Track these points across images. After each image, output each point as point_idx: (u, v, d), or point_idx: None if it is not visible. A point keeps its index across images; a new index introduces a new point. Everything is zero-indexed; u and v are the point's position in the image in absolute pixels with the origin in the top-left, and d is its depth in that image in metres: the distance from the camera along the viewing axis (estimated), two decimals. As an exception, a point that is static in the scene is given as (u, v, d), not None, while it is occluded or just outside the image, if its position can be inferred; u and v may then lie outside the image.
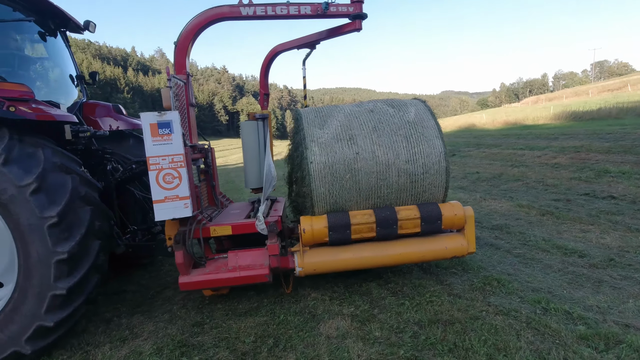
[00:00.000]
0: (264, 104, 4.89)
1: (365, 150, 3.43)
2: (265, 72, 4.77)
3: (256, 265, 3.33)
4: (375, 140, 3.45)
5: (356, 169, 3.41)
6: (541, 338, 2.79)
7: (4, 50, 3.53)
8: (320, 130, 3.47)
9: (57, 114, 3.11)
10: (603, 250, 4.53)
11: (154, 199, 3.05)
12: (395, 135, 3.49)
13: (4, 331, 2.64)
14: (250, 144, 4.27)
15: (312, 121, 3.59)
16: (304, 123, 3.57)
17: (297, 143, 3.59)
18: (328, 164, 3.39)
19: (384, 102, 3.85)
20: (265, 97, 4.90)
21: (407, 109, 3.67)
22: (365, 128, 3.51)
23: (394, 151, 3.46)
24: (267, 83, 4.88)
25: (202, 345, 2.98)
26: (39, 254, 2.59)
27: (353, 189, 3.45)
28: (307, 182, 3.40)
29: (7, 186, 2.51)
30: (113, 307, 3.76)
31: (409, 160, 3.47)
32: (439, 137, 3.53)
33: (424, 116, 3.64)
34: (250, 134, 4.27)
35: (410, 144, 3.47)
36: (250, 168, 4.29)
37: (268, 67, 4.75)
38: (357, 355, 2.73)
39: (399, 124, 3.56)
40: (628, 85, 40.75)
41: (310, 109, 3.85)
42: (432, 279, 3.97)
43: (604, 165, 9.04)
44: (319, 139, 3.44)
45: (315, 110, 3.80)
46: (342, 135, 3.46)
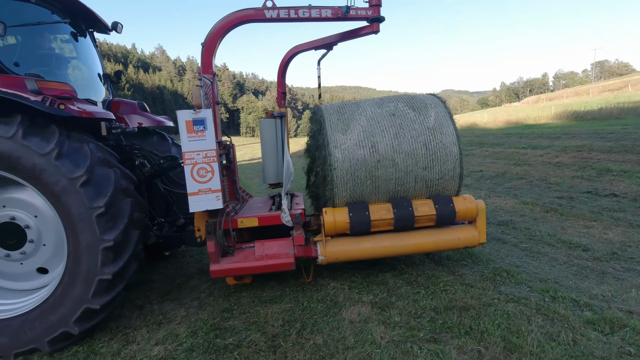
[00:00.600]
0: (282, 102, 5.08)
1: (386, 158, 3.58)
2: (283, 72, 4.96)
3: (282, 254, 3.55)
4: (396, 147, 3.58)
5: (376, 175, 3.61)
6: (551, 322, 3.00)
7: (41, 50, 3.72)
8: (343, 136, 3.60)
9: (98, 111, 3.31)
10: (606, 244, 4.74)
11: (188, 192, 3.25)
12: (415, 142, 3.61)
13: (55, 313, 2.85)
14: (268, 141, 4.46)
15: (335, 125, 3.69)
16: (327, 127, 3.68)
17: (319, 145, 3.74)
18: (350, 170, 3.57)
19: (405, 102, 3.92)
20: (282, 95, 5.09)
21: (428, 112, 3.78)
22: (387, 135, 3.62)
23: (413, 158, 3.62)
24: (284, 82, 5.07)
25: (234, 329, 3.19)
26: (87, 241, 2.79)
27: (372, 193, 3.68)
28: (329, 186, 3.61)
29: (60, 178, 2.71)
30: (143, 295, 3.97)
31: (427, 167, 3.66)
32: (456, 144, 3.67)
33: (443, 121, 3.74)
34: (268, 132, 4.46)
35: (429, 150, 3.62)
36: (268, 164, 4.49)
37: (286, 67, 4.94)
38: (380, 337, 2.94)
39: (419, 130, 3.66)
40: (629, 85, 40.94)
41: (332, 109, 3.93)
42: (444, 270, 4.18)
43: (605, 164, 9.25)
44: (342, 145, 3.58)
45: (337, 111, 3.88)
46: (364, 142, 3.58)
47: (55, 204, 2.78)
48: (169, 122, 5.00)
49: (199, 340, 3.05)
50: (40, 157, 2.68)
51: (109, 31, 4.56)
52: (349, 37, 4.46)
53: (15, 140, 2.65)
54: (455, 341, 2.84)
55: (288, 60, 4.89)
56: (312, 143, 4.03)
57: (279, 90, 5.08)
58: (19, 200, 3.06)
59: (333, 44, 4.65)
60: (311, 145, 4.05)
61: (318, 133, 3.79)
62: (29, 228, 3.06)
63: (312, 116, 4.15)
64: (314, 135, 3.97)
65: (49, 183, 2.72)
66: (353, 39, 4.52)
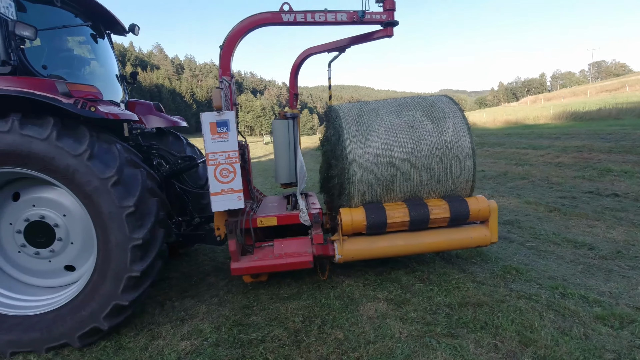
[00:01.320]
0: (294, 103, 5.17)
1: (402, 172, 3.67)
2: (295, 73, 5.05)
3: (301, 253, 3.66)
4: (413, 162, 3.65)
5: (392, 189, 3.72)
6: (562, 318, 3.13)
7: (64, 53, 3.80)
8: (361, 149, 3.63)
9: (122, 112, 3.40)
10: (610, 243, 4.87)
11: (211, 192, 3.35)
12: (432, 156, 3.67)
13: (85, 309, 2.94)
14: (281, 141, 4.54)
15: (354, 137, 3.68)
16: (346, 139, 3.68)
17: (337, 155, 3.76)
18: (367, 184, 3.67)
19: (424, 111, 3.86)
20: (294, 97, 5.18)
21: (446, 123, 3.77)
22: (404, 149, 3.65)
23: (428, 172, 3.70)
24: (296, 84, 5.16)
25: (256, 324, 3.30)
26: (117, 239, 2.89)
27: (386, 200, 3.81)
28: (346, 197, 3.73)
29: (91, 178, 2.80)
30: (163, 292, 4.07)
31: (441, 181, 3.76)
32: (471, 157, 3.74)
33: (460, 134, 3.75)
34: (281, 132, 4.54)
35: (445, 164, 3.69)
36: (281, 164, 4.57)
37: (298, 69, 5.04)
38: (399, 332, 3.05)
39: (437, 144, 3.69)
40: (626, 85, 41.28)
41: (350, 117, 3.86)
42: (455, 267, 4.30)
43: (606, 164, 9.40)
44: (361, 159, 3.63)
45: (356, 120, 3.82)
46: (382, 156, 3.63)
47: (86, 204, 2.87)
48: (184, 122, 5.09)
49: (223, 335, 3.15)
50: (73, 158, 2.77)
51: (125, 33, 4.65)
52: (362, 40, 4.56)
53: (50, 142, 2.74)
54: (471, 336, 2.95)
55: (301, 62, 4.98)
56: (329, 149, 4.05)
57: (291, 91, 5.17)
58: (48, 200, 3.15)
59: (346, 47, 4.75)
60: (328, 151, 4.09)
61: (336, 142, 3.80)
62: (58, 227, 3.15)
63: (328, 118, 4.23)
64: (329, 139, 4.03)
65: (82, 183, 2.80)
66: (365, 43, 4.62)
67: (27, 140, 2.73)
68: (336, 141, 3.80)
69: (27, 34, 2.91)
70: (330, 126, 4.07)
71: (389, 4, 4.08)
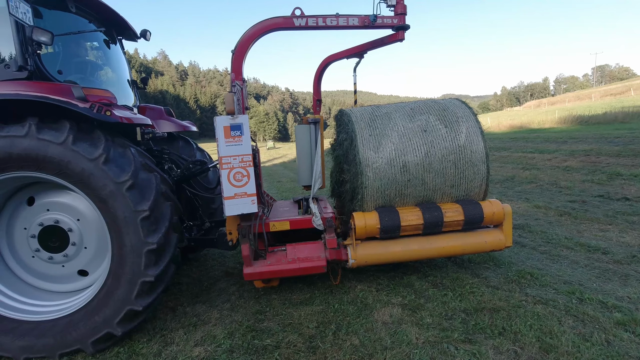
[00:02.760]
0: (317, 109, 5.14)
1: (416, 177, 3.64)
2: (318, 80, 5.01)
3: (314, 257, 3.62)
4: (427, 167, 3.63)
5: (406, 194, 3.70)
6: (582, 324, 3.07)
7: (78, 58, 3.83)
8: (375, 154, 3.61)
9: (136, 117, 3.40)
10: (624, 247, 4.80)
11: (224, 196, 3.34)
12: (445, 160, 3.64)
13: (99, 314, 2.92)
14: (303, 145, 4.58)
15: (367, 141, 3.67)
16: (359, 144, 3.66)
17: (350, 160, 3.75)
18: (380, 189, 3.65)
19: (437, 115, 3.83)
20: (317, 102, 5.13)
21: (460, 128, 3.74)
22: (418, 154, 3.63)
23: (442, 177, 3.68)
24: (319, 90, 5.11)
25: (269, 330, 3.26)
26: (132, 244, 2.87)
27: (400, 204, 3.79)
28: (359, 202, 3.72)
29: (107, 182, 2.79)
30: (174, 298, 4.04)
31: (454, 185, 3.73)
32: (485, 162, 3.71)
33: (474, 138, 3.72)
34: (303, 137, 4.57)
35: (458, 169, 3.67)
36: (303, 167, 4.61)
37: (321, 76, 5.00)
38: (416, 337, 3.01)
39: (450, 149, 3.66)
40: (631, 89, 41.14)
41: (363, 122, 3.84)
42: (467, 272, 4.25)
43: (615, 168, 9.33)
44: (374, 163, 3.61)
45: (368, 124, 3.80)
46: (395, 160, 3.61)
47: (101, 208, 2.86)
48: (194, 127, 5.10)
49: (237, 341, 3.12)
50: (89, 162, 2.77)
51: (137, 38, 4.67)
52: (378, 45, 4.54)
53: (66, 146, 2.74)
54: (490, 342, 2.90)
55: (323, 68, 4.91)
56: (341, 154, 4.02)
57: (315, 97, 5.11)
58: (62, 204, 3.15)
59: (364, 52, 4.71)
60: (340, 155, 4.06)
61: (349, 147, 3.78)
62: (72, 231, 3.15)
63: (339, 122, 4.21)
64: (341, 144, 4.00)
65: (97, 187, 2.80)
66: (381, 47, 4.60)
67: (43, 145, 2.73)
68: (349, 146, 3.78)
69: (44, 39, 2.93)
70: (342, 130, 4.06)
71: (401, 8, 4.08)
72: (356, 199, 3.74)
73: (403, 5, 4.09)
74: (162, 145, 4.59)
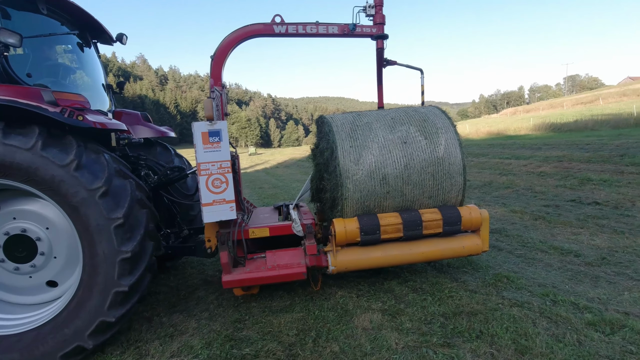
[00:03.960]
0: None
1: (395, 189, 3.68)
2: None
3: (294, 264, 3.60)
4: (406, 179, 3.67)
5: (384, 205, 3.74)
6: (555, 325, 3.15)
7: (49, 62, 3.71)
8: (355, 166, 3.62)
9: (110, 122, 3.31)
10: (595, 250, 4.98)
11: (203, 202, 3.28)
12: (424, 172, 3.69)
13: (69, 326, 2.80)
14: None
15: (348, 153, 3.66)
16: (339, 156, 3.65)
17: (330, 171, 3.76)
18: (360, 200, 3.68)
19: (417, 126, 3.85)
20: None
21: (439, 139, 3.78)
22: (398, 166, 3.66)
23: (420, 189, 3.73)
24: None
25: (248, 339, 3.20)
26: (105, 253, 2.78)
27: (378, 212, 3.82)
28: (338, 213, 3.75)
29: (79, 189, 2.70)
30: (150, 307, 3.92)
31: (432, 196, 3.80)
32: (462, 174, 3.79)
33: (452, 149, 3.77)
34: None
35: (436, 180, 3.73)
36: None
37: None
38: (395, 343, 3.02)
39: (429, 161, 3.71)
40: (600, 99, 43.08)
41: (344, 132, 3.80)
42: (447, 277, 4.31)
43: (586, 173, 9.71)
44: (354, 175, 3.62)
45: (349, 135, 3.78)
46: (375, 173, 3.63)
47: (72, 216, 2.76)
48: (172, 132, 5.01)
49: (215, 351, 3.05)
50: (60, 168, 2.67)
51: (113, 42, 4.57)
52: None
53: (35, 152, 2.63)
54: (467, 345, 2.94)
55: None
56: (322, 162, 4.01)
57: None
58: (30, 212, 3.02)
59: None
60: (320, 164, 4.05)
61: (330, 158, 3.77)
62: (40, 240, 3.02)
63: (320, 129, 4.20)
64: (322, 152, 3.98)
65: (68, 194, 2.70)
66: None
67: (10, 150, 2.62)
68: (329, 156, 3.78)
69: (12, 41, 2.83)
70: (322, 138, 4.05)
71: (379, 17, 4.16)
72: (336, 209, 3.77)
73: (382, 15, 4.18)
74: (139, 151, 4.49)
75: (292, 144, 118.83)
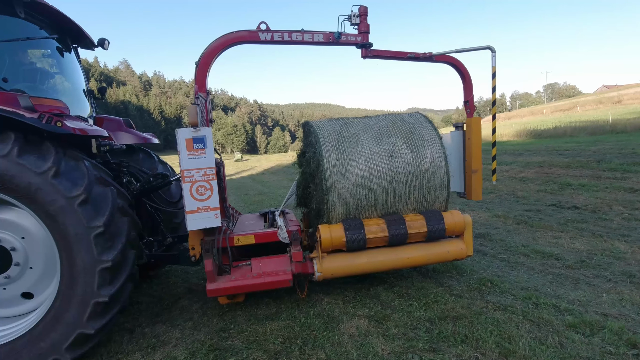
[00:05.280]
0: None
1: (380, 202, 3.73)
2: None
3: (279, 271, 3.57)
4: (391, 192, 3.72)
5: (369, 217, 3.80)
6: (537, 327, 3.21)
7: (27, 66, 3.61)
8: (341, 180, 3.63)
9: (91, 128, 3.24)
10: (575, 253, 5.11)
11: (187, 210, 3.23)
12: (409, 186, 3.75)
13: (45, 340, 2.70)
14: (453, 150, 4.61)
15: (334, 166, 3.65)
16: (326, 169, 3.64)
17: (317, 183, 3.77)
18: (345, 213, 3.73)
19: (404, 139, 3.86)
20: None
21: (425, 152, 3.81)
22: (383, 180, 3.69)
23: (404, 201, 3.79)
24: None
25: (233, 348, 3.15)
26: (84, 262, 2.70)
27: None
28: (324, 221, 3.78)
29: (56, 197, 2.62)
30: (132, 318, 3.82)
31: (415, 208, 3.88)
32: (446, 186, 3.88)
33: (437, 163, 3.82)
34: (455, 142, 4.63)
35: (421, 194, 3.80)
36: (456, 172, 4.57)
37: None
38: (382, 349, 3.01)
39: (414, 174, 3.75)
40: (577, 106, 44.52)
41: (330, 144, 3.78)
42: (432, 282, 4.34)
43: (565, 179, 9.98)
44: (340, 189, 3.63)
45: (336, 147, 3.75)
46: (361, 187, 3.66)
47: (49, 224, 2.68)
48: (155, 139, 4.93)
49: (199, 361, 2.98)
50: (37, 175, 2.59)
51: (94, 47, 4.49)
52: None
53: (10, 159, 2.55)
54: (453, 349, 2.96)
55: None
56: (308, 172, 4.00)
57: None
58: (4, 221, 2.91)
59: None
60: (307, 172, 4.04)
61: (316, 170, 3.77)
62: (15, 250, 2.91)
63: (307, 137, 4.19)
64: (308, 162, 3.97)
65: (45, 202, 2.62)
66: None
67: (-17, 158, 2.53)
68: (315, 168, 3.78)
69: (-14, 45, 2.74)
70: (309, 147, 4.03)
71: (364, 26, 4.21)
72: (321, 219, 3.80)
73: (366, 24, 4.23)
74: (121, 158, 4.39)
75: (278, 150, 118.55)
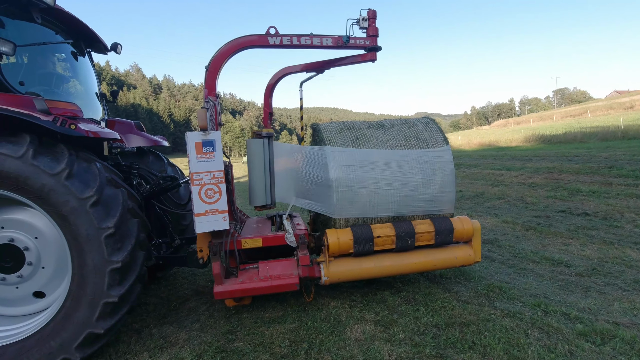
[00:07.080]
0: (269, 122, 5.09)
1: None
2: (270, 92, 5.03)
3: (286, 275, 3.57)
4: (398, 216, 3.84)
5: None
6: (547, 335, 3.16)
7: (42, 70, 3.70)
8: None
9: (103, 131, 3.30)
10: (585, 260, 5.03)
11: (195, 212, 3.26)
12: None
13: (55, 339, 2.74)
14: (256, 161, 4.11)
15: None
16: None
17: None
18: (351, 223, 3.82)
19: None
20: (269, 115, 5.11)
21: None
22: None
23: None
24: (271, 103, 5.12)
25: (240, 350, 3.16)
26: (94, 263, 2.74)
27: None
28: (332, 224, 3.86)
29: (69, 198, 2.67)
30: (140, 319, 3.86)
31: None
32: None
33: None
34: (256, 152, 4.10)
35: (427, 216, 3.91)
36: (256, 186, 4.11)
37: (273, 88, 5.03)
38: (388, 354, 3.00)
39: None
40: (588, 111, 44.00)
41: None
42: (439, 287, 4.31)
43: (575, 185, 9.86)
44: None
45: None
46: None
47: (62, 225, 2.72)
48: (165, 142, 5.00)
49: (206, 363, 3.00)
50: (50, 177, 2.64)
51: (107, 51, 4.59)
52: (340, 62, 4.64)
53: (25, 160, 2.61)
54: (460, 356, 2.93)
55: (276, 81, 4.97)
56: None
57: (266, 110, 5.10)
58: (18, 221, 2.97)
59: (324, 68, 4.82)
60: None
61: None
62: (28, 250, 2.97)
63: (316, 143, 4.20)
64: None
65: (58, 203, 2.67)
66: (345, 65, 4.72)
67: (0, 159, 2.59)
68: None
69: (5, 49, 2.82)
70: None
71: (372, 30, 4.23)
72: (329, 225, 3.85)
73: (375, 27, 4.25)
74: (132, 160, 4.46)
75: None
